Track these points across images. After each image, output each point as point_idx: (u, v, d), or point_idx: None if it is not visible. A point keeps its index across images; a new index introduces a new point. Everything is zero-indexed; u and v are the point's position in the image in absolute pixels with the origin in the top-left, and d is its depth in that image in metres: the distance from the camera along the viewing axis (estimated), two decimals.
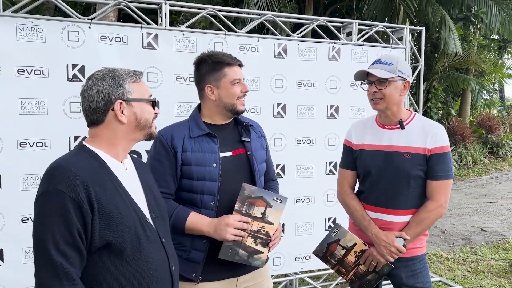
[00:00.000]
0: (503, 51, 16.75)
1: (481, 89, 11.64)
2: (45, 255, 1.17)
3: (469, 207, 7.27)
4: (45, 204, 1.21)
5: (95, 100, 1.34)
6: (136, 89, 1.39)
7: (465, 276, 4.27)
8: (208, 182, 1.81)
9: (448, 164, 2.02)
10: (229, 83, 1.86)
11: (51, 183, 1.22)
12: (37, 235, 1.21)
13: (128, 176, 1.41)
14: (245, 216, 1.80)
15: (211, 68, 1.87)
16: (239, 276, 1.90)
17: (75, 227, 1.20)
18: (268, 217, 1.83)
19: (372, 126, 2.19)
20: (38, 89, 2.70)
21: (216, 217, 1.80)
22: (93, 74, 1.39)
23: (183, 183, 1.83)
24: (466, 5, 9.14)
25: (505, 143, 12.22)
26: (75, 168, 1.25)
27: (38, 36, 2.69)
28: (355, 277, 2.16)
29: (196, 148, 1.83)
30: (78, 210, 1.20)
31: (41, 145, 2.73)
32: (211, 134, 1.86)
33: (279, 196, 1.86)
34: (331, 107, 3.59)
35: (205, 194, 1.82)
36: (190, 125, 1.88)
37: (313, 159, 3.56)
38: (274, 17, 3.45)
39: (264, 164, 2.04)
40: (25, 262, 2.73)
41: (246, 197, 1.80)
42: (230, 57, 1.90)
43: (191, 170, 1.81)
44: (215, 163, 1.82)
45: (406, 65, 2.08)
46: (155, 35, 2.99)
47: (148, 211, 1.41)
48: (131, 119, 1.37)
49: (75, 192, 1.20)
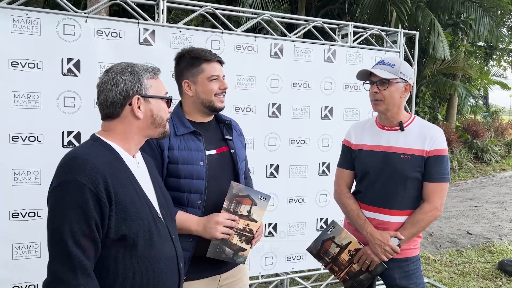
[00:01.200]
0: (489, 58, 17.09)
1: (467, 95, 11.85)
2: (61, 246, 1.16)
3: (455, 210, 7.39)
4: (64, 195, 1.19)
5: (112, 94, 1.33)
6: (154, 85, 1.39)
7: (452, 278, 4.33)
8: (195, 181, 1.80)
9: (445, 167, 2.05)
10: (206, 79, 1.84)
11: (70, 173, 1.20)
12: (53, 225, 1.19)
13: (140, 170, 1.41)
14: (233, 215, 1.81)
15: (189, 64, 1.86)
16: (221, 274, 1.92)
17: (93, 219, 1.18)
18: (253, 214, 1.85)
19: (372, 127, 2.21)
20: (31, 83, 2.65)
21: (203, 215, 1.80)
22: (111, 67, 1.38)
23: (169, 182, 1.80)
24: (455, 12, 9.29)
25: (490, 148, 12.46)
26: (94, 160, 1.24)
27: (33, 29, 2.64)
28: (347, 276, 2.16)
29: (182, 146, 1.81)
30: (97, 202, 1.19)
31: (33, 139, 2.69)
32: (196, 132, 1.85)
33: (264, 194, 1.87)
34: (325, 108, 3.61)
35: (192, 193, 1.81)
36: (174, 123, 1.84)
37: (307, 159, 3.57)
38: (272, 17, 3.45)
39: (244, 163, 2.05)
40: (14, 258, 2.68)
41: (234, 195, 1.81)
42: (209, 53, 1.88)
43: (178, 168, 1.79)
44: (202, 161, 1.82)
45: (409, 68, 2.10)
46: (152, 31, 2.96)
47: (158, 206, 1.40)
48: (147, 115, 1.37)
49: (95, 184, 1.19)
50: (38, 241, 2.72)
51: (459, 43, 12.20)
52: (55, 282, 1.16)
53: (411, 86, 2.11)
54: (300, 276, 3.88)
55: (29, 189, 2.67)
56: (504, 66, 18.10)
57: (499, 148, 13.17)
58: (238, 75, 3.25)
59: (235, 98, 3.24)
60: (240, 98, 3.27)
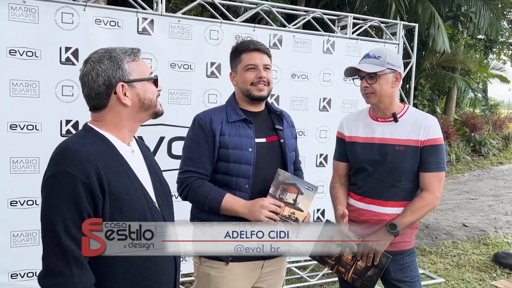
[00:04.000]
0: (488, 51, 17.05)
1: (467, 88, 11.84)
2: (55, 239, 1.15)
3: (452, 203, 7.43)
4: (56, 187, 1.18)
5: (95, 85, 1.29)
6: (136, 68, 1.33)
7: (447, 269, 4.37)
8: (243, 166, 1.86)
9: (440, 156, 2.03)
10: (243, 69, 1.91)
11: (61, 165, 1.18)
12: (46, 218, 1.18)
13: (135, 159, 1.39)
14: (278, 201, 1.84)
15: (233, 55, 1.97)
16: (265, 260, 1.96)
17: (86, 211, 1.18)
18: (299, 204, 1.87)
19: (365, 118, 2.19)
20: (30, 71, 2.65)
21: (250, 199, 1.85)
22: (89, 57, 1.32)
23: (220, 165, 1.88)
24: (456, 4, 9.25)
25: (488, 141, 12.49)
26: (86, 151, 1.21)
27: (31, 17, 2.63)
28: (355, 275, 2.08)
29: (233, 132, 1.88)
30: (89, 194, 1.18)
31: (31, 128, 2.69)
32: (248, 120, 1.92)
33: (310, 185, 1.90)
34: (324, 100, 3.61)
35: (240, 177, 1.87)
36: (227, 110, 1.94)
37: (305, 151, 3.56)
38: (271, 7, 3.44)
39: (294, 153, 2.08)
40: (12, 246, 2.70)
41: (280, 182, 1.86)
42: (249, 42, 1.94)
43: (228, 153, 1.86)
44: (251, 147, 1.88)
45: (396, 57, 2.07)
46: (150, 20, 2.95)
47: (154, 195, 1.40)
48: (135, 101, 1.33)
49: (87, 175, 1.18)
50: (37, 229, 2.74)
51: (459, 36, 12.17)
52: (50, 275, 1.15)
53: (401, 74, 2.09)
54: (296, 266, 3.91)
55: (27, 177, 2.68)
56: (503, 60, 18.07)
57: (497, 141, 13.21)
58: None
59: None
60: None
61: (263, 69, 1.91)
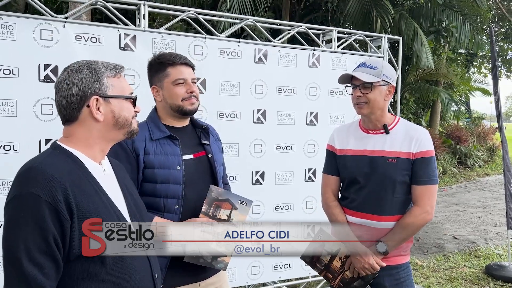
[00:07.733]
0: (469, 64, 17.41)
1: (450, 101, 12.01)
2: (16, 266, 1.06)
3: (441, 215, 7.42)
4: (17, 209, 1.09)
5: (69, 94, 1.22)
6: (116, 85, 1.28)
7: (440, 283, 4.31)
8: (172, 185, 1.76)
9: (432, 168, 1.99)
10: (171, 84, 1.81)
11: (25, 186, 1.10)
12: (7, 243, 1.09)
13: (107, 178, 1.30)
14: (211, 219, 1.77)
15: (156, 69, 1.84)
16: (201, 281, 1.87)
17: (51, 234, 1.08)
18: (233, 219, 1.81)
19: (356, 131, 2.15)
20: (7, 89, 2.56)
21: (180, 221, 1.76)
22: (69, 66, 1.27)
23: (145, 187, 1.76)
24: (437, 19, 9.44)
25: (473, 153, 12.62)
26: (51, 170, 1.13)
27: (9, 34, 2.55)
28: (341, 283, 2.11)
29: (158, 150, 1.78)
30: (55, 215, 1.09)
31: (9, 148, 2.59)
32: (173, 136, 1.82)
33: (245, 199, 1.83)
34: (311, 114, 3.57)
35: (169, 198, 1.77)
36: (149, 127, 1.82)
37: (293, 165, 3.52)
38: (256, 22, 3.42)
39: (222, 168, 2.02)
40: None
41: (213, 199, 1.79)
42: (175, 56, 1.84)
43: (154, 173, 1.75)
44: (179, 165, 1.78)
45: (391, 70, 2.05)
46: (133, 36, 2.90)
47: (129, 215, 1.31)
48: (108, 117, 1.26)
49: (52, 196, 1.09)
50: None
51: (441, 50, 12.40)
52: None
53: (394, 88, 2.07)
54: (287, 285, 3.81)
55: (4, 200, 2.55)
56: (484, 73, 18.47)
57: (482, 153, 13.35)
58: (222, 81, 3.20)
59: (219, 104, 3.19)
60: (225, 104, 3.21)
61: (192, 83, 1.85)
